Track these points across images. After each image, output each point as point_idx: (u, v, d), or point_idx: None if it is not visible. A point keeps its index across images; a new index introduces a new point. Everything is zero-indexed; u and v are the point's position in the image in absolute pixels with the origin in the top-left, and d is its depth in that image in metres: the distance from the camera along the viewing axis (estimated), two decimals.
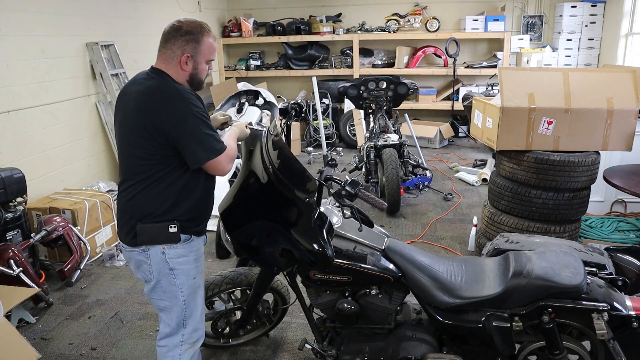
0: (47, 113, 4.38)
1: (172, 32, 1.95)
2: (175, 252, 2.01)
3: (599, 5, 6.88)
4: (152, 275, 2.03)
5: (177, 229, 1.99)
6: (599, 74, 3.36)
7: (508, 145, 3.32)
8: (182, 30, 1.94)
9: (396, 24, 7.58)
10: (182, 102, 1.88)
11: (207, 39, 1.98)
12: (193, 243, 2.08)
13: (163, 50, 1.97)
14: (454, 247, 4.10)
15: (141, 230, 1.98)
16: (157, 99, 1.89)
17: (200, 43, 1.96)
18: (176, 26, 1.95)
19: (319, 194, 2.19)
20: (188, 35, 1.94)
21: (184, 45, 1.94)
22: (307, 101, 7.37)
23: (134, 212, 1.99)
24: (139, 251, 2.02)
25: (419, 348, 2.18)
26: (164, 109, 1.87)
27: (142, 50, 5.90)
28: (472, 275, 2.16)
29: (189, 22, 1.97)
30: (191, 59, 1.96)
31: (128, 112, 1.95)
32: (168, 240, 1.99)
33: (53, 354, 2.90)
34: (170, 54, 1.95)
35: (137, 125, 1.90)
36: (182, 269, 2.04)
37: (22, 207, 3.58)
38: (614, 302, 1.96)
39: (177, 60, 1.95)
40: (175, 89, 1.91)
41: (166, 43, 1.96)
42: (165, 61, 1.97)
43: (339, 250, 2.16)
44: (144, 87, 1.93)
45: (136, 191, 1.97)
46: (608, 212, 4.26)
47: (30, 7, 4.19)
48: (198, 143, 1.89)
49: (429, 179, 5.29)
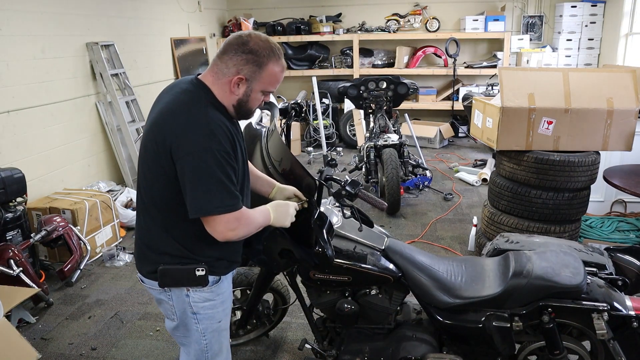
0: (47, 113, 4.38)
1: (234, 45, 1.60)
2: (200, 295, 1.76)
3: (599, 5, 6.88)
4: (174, 315, 1.81)
5: (205, 272, 1.71)
6: (599, 74, 3.36)
7: (508, 145, 3.32)
8: (247, 46, 1.59)
9: (396, 24, 7.59)
10: (205, 134, 1.54)
11: (273, 66, 1.63)
12: (222, 285, 1.82)
13: (217, 62, 1.63)
14: (454, 247, 4.10)
15: (164, 273, 1.71)
16: (179, 118, 1.57)
17: (262, 68, 1.62)
18: (242, 39, 1.60)
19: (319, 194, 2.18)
20: (251, 55, 1.59)
21: (242, 65, 1.60)
22: (307, 101, 7.37)
23: (151, 248, 1.74)
24: (160, 290, 1.78)
25: (419, 348, 2.18)
26: (182, 133, 1.54)
27: (142, 50, 5.90)
28: (472, 275, 2.16)
29: (259, 40, 1.61)
30: (245, 83, 1.62)
31: (150, 125, 1.65)
32: (194, 283, 1.73)
33: (53, 354, 2.90)
34: (223, 69, 1.62)
35: (153, 143, 1.60)
36: (207, 313, 1.80)
37: (22, 207, 3.58)
38: (614, 302, 1.96)
39: (228, 79, 1.61)
40: (205, 116, 1.57)
41: (223, 55, 1.62)
42: (215, 75, 1.64)
43: (339, 250, 2.16)
44: (173, 100, 1.62)
45: (153, 222, 1.71)
46: (608, 212, 4.26)
47: (30, 7, 4.19)
48: (203, 188, 1.53)
49: (429, 179, 5.29)
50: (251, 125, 2.28)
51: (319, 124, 6.73)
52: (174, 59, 6.61)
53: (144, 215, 1.74)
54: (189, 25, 7.08)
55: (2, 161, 3.82)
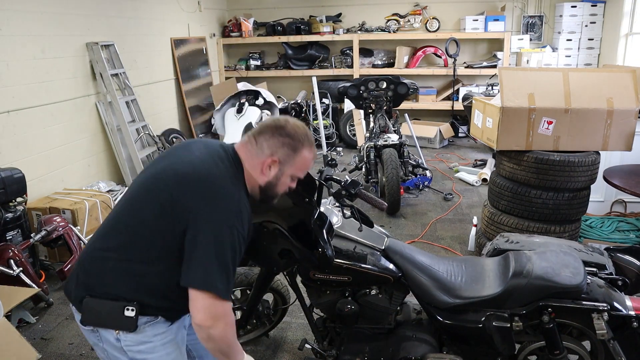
0: (47, 113, 4.38)
1: (272, 127, 1.62)
2: (133, 339, 1.55)
3: (599, 5, 6.88)
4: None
5: (134, 313, 1.51)
6: (599, 74, 3.36)
7: (508, 145, 3.32)
8: (284, 130, 1.61)
9: (396, 24, 7.58)
10: (233, 211, 1.50)
11: (306, 152, 1.65)
12: (157, 325, 1.58)
13: (252, 141, 1.63)
14: (454, 247, 4.10)
15: (88, 306, 1.53)
16: (213, 184, 1.52)
17: (296, 153, 1.63)
18: (280, 124, 1.63)
19: (319, 194, 2.18)
20: (287, 138, 1.61)
21: (277, 148, 1.61)
22: (307, 101, 7.37)
23: (89, 274, 1.56)
24: (88, 330, 1.58)
25: (419, 348, 2.18)
26: (210, 201, 1.49)
27: (142, 50, 5.91)
28: (472, 275, 2.16)
29: (295, 126, 1.64)
30: (277, 166, 1.62)
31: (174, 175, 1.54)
32: (121, 326, 1.52)
33: (53, 354, 2.90)
34: (257, 150, 1.61)
35: (167, 194, 1.51)
36: (148, 358, 1.58)
37: (22, 207, 3.58)
38: (614, 302, 1.96)
39: (262, 160, 1.61)
40: (239, 194, 1.56)
41: (259, 135, 1.62)
42: (248, 153, 1.63)
43: (339, 250, 2.16)
44: (212, 164, 1.56)
45: (113, 255, 1.55)
46: (608, 212, 4.26)
47: (30, 7, 4.19)
48: (210, 262, 1.46)
49: (429, 179, 5.29)
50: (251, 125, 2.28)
51: (319, 124, 6.73)
52: (174, 59, 6.61)
53: (104, 250, 1.57)
54: (189, 25, 7.08)
55: (2, 161, 3.82)
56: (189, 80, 6.94)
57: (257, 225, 2.12)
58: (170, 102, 6.63)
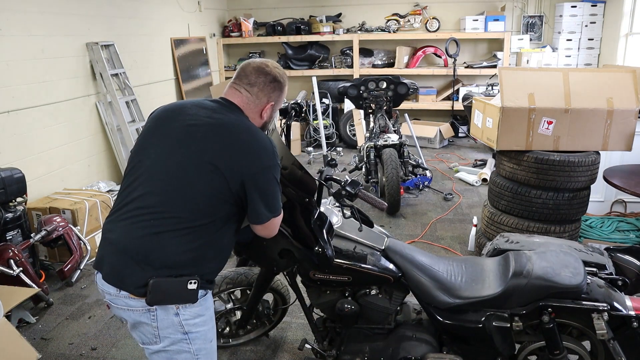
0: (47, 113, 4.38)
1: (261, 76, 1.79)
2: (191, 312, 1.66)
3: (599, 5, 6.88)
4: (157, 338, 1.66)
5: (197, 286, 1.64)
6: (599, 74, 3.36)
7: (508, 145, 3.32)
8: (271, 76, 1.80)
9: (396, 24, 7.59)
10: (272, 152, 1.71)
11: (286, 87, 1.87)
12: (208, 298, 1.76)
13: (245, 92, 1.79)
14: (454, 247, 4.10)
15: (155, 286, 1.59)
16: (245, 138, 1.68)
17: (283, 92, 1.86)
18: (264, 71, 1.79)
19: (319, 194, 2.18)
20: (276, 83, 1.81)
21: (271, 93, 1.80)
22: (307, 101, 7.37)
23: (152, 255, 1.61)
24: (141, 311, 1.63)
25: (419, 348, 2.18)
26: (255, 153, 1.67)
27: (142, 50, 5.90)
28: (472, 275, 2.16)
29: (276, 69, 1.83)
30: (271, 107, 1.83)
31: (198, 141, 1.66)
32: (185, 299, 1.64)
33: (53, 354, 2.90)
34: (254, 100, 1.78)
35: (208, 161, 1.63)
36: (199, 331, 1.70)
37: (22, 207, 3.58)
38: (614, 302, 1.96)
39: (261, 107, 1.80)
40: (266, 137, 1.74)
41: (252, 87, 1.78)
42: (247, 103, 1.79)
43: (339, 250, 2.16)
44: (229, 121, 1.71)
45: (165, 229, 1.62)
46: (608, 212, 4.26)
47: (30, 7, 4.19)
48: (267, 200, 1.70)
49: (429, 179, 5.29)
50: None
51: (319, 124, 6.73)
52: (174, 59, 6.61)
53: (151, 224, 1.62)
54: (189, 25, 7.08)
55: (2, 161, 3.82)
56: (189, 80, 6.94)
57: None
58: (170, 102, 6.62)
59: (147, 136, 1.77)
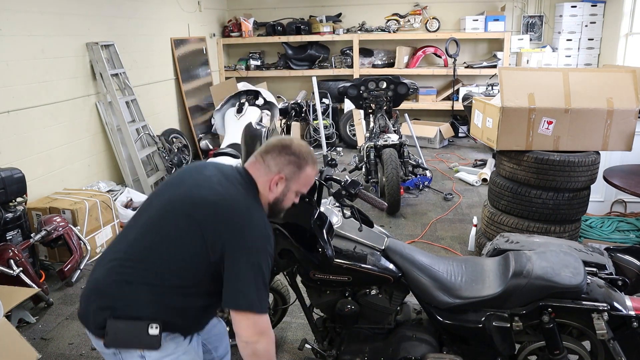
0: (47, 113, 4.38)
1: (278, 146, 1.73)
2: (157, 355, 1.60)
3: (599, 5, 6.88)
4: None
5: (158, 331, 1.57)
6: (599, 74, 3.36)
7: (508, 145, 3.32)
8: (290, 149, 1.73)
9: (396, 24, 7.58)
10: (263, 235, 1.62)
11: (309, 169, 1.77)
12: (177, 339, 1.67)
13: (259, 159, 1.74)
14: (454, 247, 4.10)
15: (111, 328, 1.56)
16: (237, 213, 1.62)
17: (301, 170, 1.75)
18: (285, 143, 1.75)
19: (319, 194, 2.18)
20: (292, 157, 1.73)
21: (284, 166, 1.72)
22: (307, 101, 7.37)
23: (114, 298, 1.59)
24: (109, 353, 1.62)
25: (419, 348, 2.18)
26: (240, 230, 1.59)
27: (142, 50, 5.90)
28: (472, 275, 2.16)
29: (300, 145, 1.77)
30: (283, 182, 1.74)
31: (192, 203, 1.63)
32: (146, 345, 1.58)
33: (53, 354, 2.90)
34: (265, 168, 1.73)
35: (195, 225, 1.59)
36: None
37: (22, 207, 3.58)
38: (614, 302, 1.96)
39: (270, 177, 1.72)
40: (262, 218, 1.67)
41: (266, 154, 1.74)
42: (258, 172, 1.74)
43: (339, 250, 2.16)
44: (228, 190, 1.66)
45: (138, 280, 1.60)
46: (608, 212, 4.26)
47: (31, 7, 4.19)
48: (252, 284, 1.57)
49: (429, 179, 5.29)
50: (251, 125, 2.28)
51: (319, 124, 6.73)
52: (174, 59, 6.61)
53: (126, 272, 1.61)
54: (189, 25, 7.08)
55: (2, 161, 3.82)
56: (189, 80, 6.94)
57: None
58: (170, 102, 6.63)
59: (162, 188, 1.78)
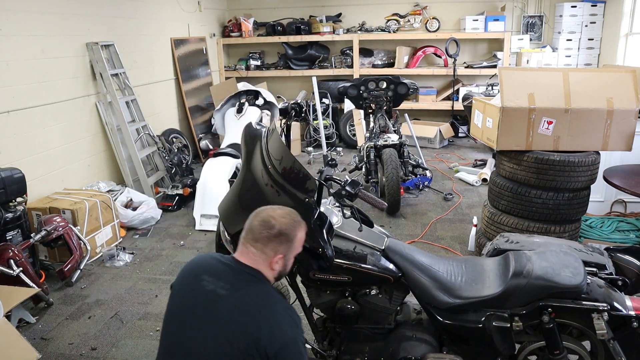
0: (47, 113, 4.38)
1: (264, 232, 1.72)
2: None
3: (599, 5, 6.88)
4: None
5: None
6: (599, 74, 3.36)
7: (508, 145, 3.32)
8: (275, 229, 1.73)
9: (396, 24, 7.59)
10: (291, 324, 1.68)
11: (299, 233, 1.79)
12: None
13: (251, 249, 1.75)
14: (454, 247, 4.10)
15: None
16: (264, 315, 1.65)
17: (293, 241, 1.77)
18: (269, 224, 1.73)
19: (319, 194, 2.18)
20: (282, 237, 1.74)
21: (278, 247, 1.74)
22: (307, 101, 7.37)
23: None
24: None
25: (419, 348, 2.18)
26: (274, 328, 1.63)
27: (142, 50, 5.90)
28: (472, 275, 2.16)
29: (283, 221, 1.75)
30: (282, 259, 1.77)
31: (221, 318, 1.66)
32: None
33: (53, 354, 2.90)
34: (261, 255, 1.74)
35: (237, 342, 1.61)
36: None
37: (22, 207, 3.58)
38: (614, 302, 1.96)
39: (269, 261, 1.75)
40: (284, 307, 1.72)
41: (256, 242, 1.73)
42: (256, 260, 1.75)
43: (339, 250, 2.16)
44: (247, 294, 1.69)
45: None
46: (608, 212, 4.26)
47: (31, 7, 4.19)
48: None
49: (429, 179, 5.29)
50: (251, 125, 2.28)
51: (319, 124, 6.73)
52: (174, 59, 6.61)
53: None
54: (189, 25, 7.08)
55: (2, 161, 3.82)
56: (189, 80, 6.94)
57: None
58: (170, 102, 6.63)
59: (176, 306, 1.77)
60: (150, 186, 5.29)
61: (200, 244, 4.34)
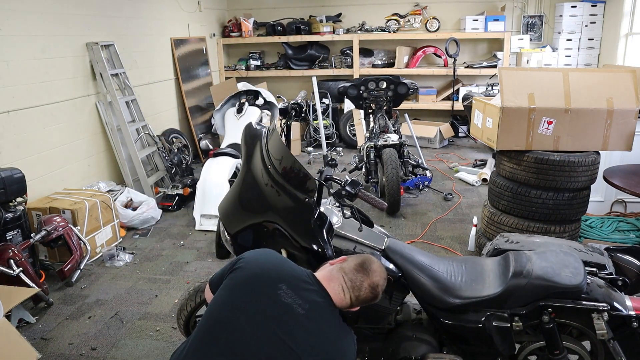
0: (47, 113, 4.38)
1: (370, 294, 1.78)
2: None
3: (599, 5, 6.88)
4: None
5: None
6: (599, 74, 3.36)
7: (508, 145, 3.32)
8: (376, 297, 1.79)
9: (396, 24, 7.59)
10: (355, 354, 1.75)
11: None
12: None
13: (347, 297, 1.77)
14: (454, 247, 4.10)
15: None
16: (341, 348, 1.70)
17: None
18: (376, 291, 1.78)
19: (319, 194, 2.18)
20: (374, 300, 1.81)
21: (363, 303, 1.81)
22: (307, 101, 7.37)
23: None
24: None
25: (419, 348, 2.18)
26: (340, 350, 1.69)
27: (142, 50, 5.90)
28: (472, 275, 2.16)
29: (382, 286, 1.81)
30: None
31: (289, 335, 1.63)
32: None
33: (53, 354, 2.91)
34: (347, 301, 1.78)
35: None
36: None
37: (22, 207, 3.58)
38: (614, 302, 1.96)
39: (347, 305, 1.79)
40: (355, 342, 1.77)
41: (357, 299, 1.78)
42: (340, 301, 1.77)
43: (339, 250, 2.16)
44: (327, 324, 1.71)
45: None
46: (608, 212, 4.26)
47: (30, 7, 4.19)
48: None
49: (429, 179, 5.29)
50: (251, 125, 2.28)
51: (319, 124, 6.73)
52: (174, 59, 6.61)
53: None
54: (189, 25, 7.08)
55: (2, 161, 3.82)
56: (189, 80, 6.94)
57: (257, 225, 2.12)
58: (170, 102, 6.63)
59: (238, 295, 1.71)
60: (150, 186, 5.29)
61: (200, 244, 4.34)
